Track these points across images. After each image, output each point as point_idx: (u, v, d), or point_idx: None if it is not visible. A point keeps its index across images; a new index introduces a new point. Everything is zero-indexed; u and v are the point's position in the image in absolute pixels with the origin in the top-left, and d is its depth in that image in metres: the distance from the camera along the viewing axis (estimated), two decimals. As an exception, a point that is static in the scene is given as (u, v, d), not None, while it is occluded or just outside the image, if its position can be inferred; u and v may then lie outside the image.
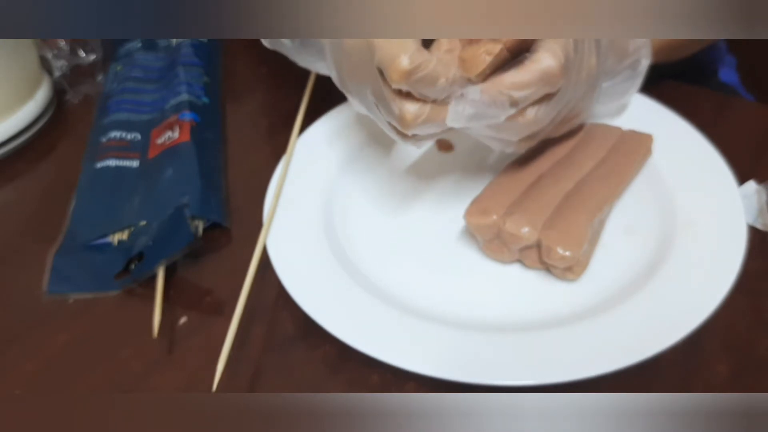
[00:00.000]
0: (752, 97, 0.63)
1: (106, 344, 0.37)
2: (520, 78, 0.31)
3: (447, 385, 0.31)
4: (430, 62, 0.30)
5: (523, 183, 0.38)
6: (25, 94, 0.51)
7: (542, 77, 0.31)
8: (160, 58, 0.58)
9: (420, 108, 0.32)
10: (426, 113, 0.32)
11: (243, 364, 0.35)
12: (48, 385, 0.35)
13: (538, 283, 0.37)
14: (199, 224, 0.42)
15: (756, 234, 0.38)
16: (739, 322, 0.35)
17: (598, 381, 0.30)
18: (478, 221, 0.36)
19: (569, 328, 0.33)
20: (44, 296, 0.39)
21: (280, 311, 0.38)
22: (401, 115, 0.32)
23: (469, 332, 0.33)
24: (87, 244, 0.42)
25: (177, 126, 0.48)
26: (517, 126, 0.33)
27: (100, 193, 0.45)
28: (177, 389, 0.34)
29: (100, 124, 0.51)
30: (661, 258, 0.36)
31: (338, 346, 0.33)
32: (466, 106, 0.31)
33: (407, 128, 0.32)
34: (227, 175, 0.47)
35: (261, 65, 0.58)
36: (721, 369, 0.33)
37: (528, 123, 0.33)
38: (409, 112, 0.32)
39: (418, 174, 0.44)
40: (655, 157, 0.42)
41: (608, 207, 0.38)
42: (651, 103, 0.44)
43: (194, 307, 0.38)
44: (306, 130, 0.46)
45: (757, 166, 0.42)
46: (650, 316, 0.33)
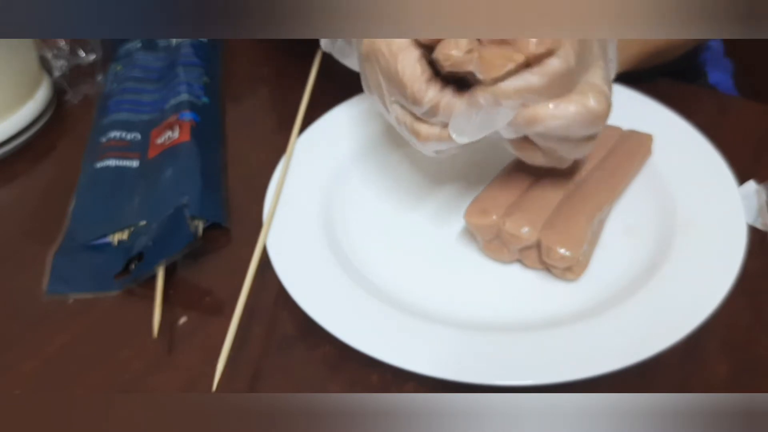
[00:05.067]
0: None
1: (106, 344, 0.37)
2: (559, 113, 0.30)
3: (447, 385, 0.31)
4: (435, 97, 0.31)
5: (523, 183, 0.38)
6: (25, 94, 0.51)
7: (585, 118, 0.31)
8: (160, 58, 0.58)
9: (431, 129, 0.33)
10: (437, 133, 0.32)
11: (243, 364, 0.35)
12: (48, 385, 0.35)
13: (538, 283, 0.37)
14: (199, 224, 0.42)
15: (756, 234, 0.38)
16: (739, 322, 0.35)
17: (598, 381, 0.30)
18: (478, 221, 0.36)
19: (569, 328, 0.33)
20: (44, 296, 0.39)
21: (280, 311, 0.38)
22: (416, 132, 0.33)
23: (469, 332, 0.33)
24: (87, 244, 0.42)
25: (177, 126, 0.48)
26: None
27: (100, 193, 0.45)
28: (177, 389, 0.34)
29: (100, 124, 0.51)
30: (661, 258, 0.36)
31: (338, 346, 0.33)
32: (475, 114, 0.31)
33: (423, 147, 0.34)
34: (227, 175, 0.47)
35: (261, 65, 0.58)
36: (720, 369, 0.33)
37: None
38: (422, 131, 0.33)
39: (418, 174, 0.44)
40: (655, 157, 0.42)
41: (608, 207, 0.38)
42: (651, 103, 0.44)
43: (194, 307, 0.38)
44: (306, 130, 0.46)
45: (757, 166, 0.42)
46: (650, 316, 0.33)
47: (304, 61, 0.51)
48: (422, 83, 0.31)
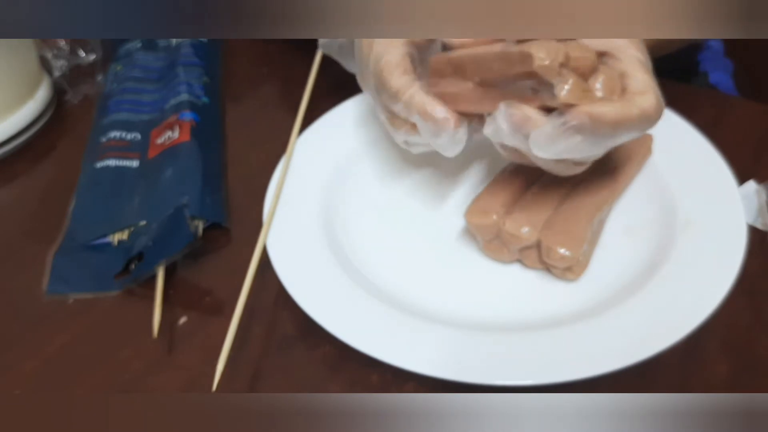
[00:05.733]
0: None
1: (106, 344, 0.37)
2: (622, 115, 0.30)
3: (446, 385, 0.31)
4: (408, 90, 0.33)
5: (523, 183, 0.38)
6: (25, 94, 0.51)
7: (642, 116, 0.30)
8: (160, 58, 0.58)
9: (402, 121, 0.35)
10: (407, 126, 0.35)
11: (243, 364, 0.35)
12: (48, 385, 0.35)
13: (538, 283, 0.37)
14: (199, 224, 0.42)
15: (756, 234, 0.38)
16: (739, 322, 0.35)
17: (598, 381, 0.30)
18: (478, 221, 0.36)
19: (569, 328, 0.33)
20: (44, 296, 0.39)
21: (280, 311, 0.38)
22: (390, 122, 0.36)
23: (469, 332, 0.33)
24: (87, 244, 0.42)
25: (177, 126, 0.48)
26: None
27: (100, 193, 0.45)
28: (177, 389, 0.34)
29: (100, 124, 0.51)
30: (661, 258, 0.36)
31: (338, 346, 0.33)
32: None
33: (394, 133, 0.36)
34: (227, 175, 0.47)
35: (261, 65, 0.58)
36: (720, 369, 0.33)
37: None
38: (395, 121, 0.35)
39: (418, 174, 0.44)
40: (655, 157, 0.42)
41: (608, 207, 0.38)
42: (651, 103, 0.44)
43: (194, 307, 0.38)
44: (306, 130, 0.46)
45: (757, 166, 0.42)
46: (650, 316, 0.33)
47: (304, 61, 0.51)
48: (396, 71, 0.34)
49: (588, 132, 0.29)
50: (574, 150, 0.30)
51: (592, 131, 0.29)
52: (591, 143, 0.30)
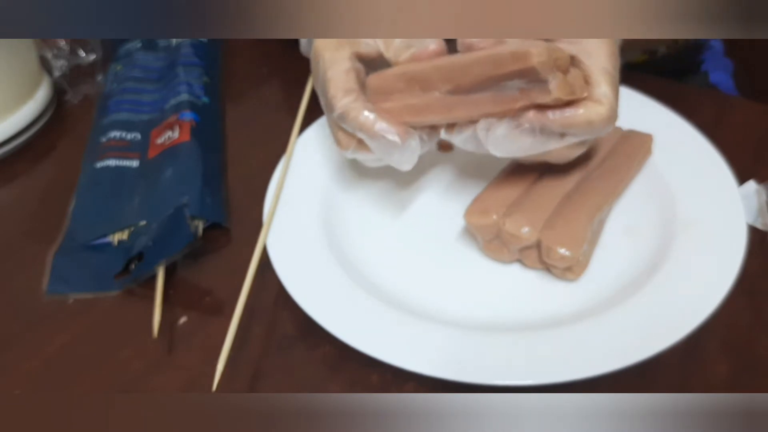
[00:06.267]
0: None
1: (106, 344, 0.37)
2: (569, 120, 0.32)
3: (446, 385, 0.31)
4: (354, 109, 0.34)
5: (523, 183, 0.38)
6: (25, 94, 0.51)
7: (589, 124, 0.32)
8: (160, 58, 0.58)
9: (350, 139, 0.35)
10: (354, 144, 0.35)
11: (243, 364, 0.35)
12: (48, 385, 0.35)
13: (538, 283, 0.37)
14: (199, 224, 0.42)
15: (756, 234, 0.38)
16: (739, 322, 0.35)
17: (598, 381, 0.30)
18: (478, 221, 0.36)
19: (569, 328, 0.33)
20: (44, 296, 0.39)
21: (280, 311, 0.38)
22: (337, 140, 0.36)
23: (469, 332, 0.33)
24: (87, 244, 0.42)
25: (177, 126, 0.48)
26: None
27: (100, 193, 0.45)
28: (177, 389, 0.34)
29: (100, 124, 0.51)
30: (661, 258, 0.36)
31: (338, 346, 0.33)
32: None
33: (343, 152, 0.36)
34: (227, 175, 0.47)
35: (261, 65, 0.58)
36: (720, 369, 0.33)
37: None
38: (342, 140, 0.36)
39: (418, 174, 0.44)
40: (655, 157, 0.42)
41: (608, 207, 0.38)
42: (651, 103, 0.44)
43: (194, 307, 0.38)
44: (306, 130, 0.46)
45: (757, 166, 0.42)
46: (650, 316, 0.33)
47: (304, 61, 0.51)
48: (340, 90, 0.34)
49: (537, 134, 0.32)
50: (527, 149, 0.33)
51: (541, 134, 0.32)
52: (541, 143, 0.33)
